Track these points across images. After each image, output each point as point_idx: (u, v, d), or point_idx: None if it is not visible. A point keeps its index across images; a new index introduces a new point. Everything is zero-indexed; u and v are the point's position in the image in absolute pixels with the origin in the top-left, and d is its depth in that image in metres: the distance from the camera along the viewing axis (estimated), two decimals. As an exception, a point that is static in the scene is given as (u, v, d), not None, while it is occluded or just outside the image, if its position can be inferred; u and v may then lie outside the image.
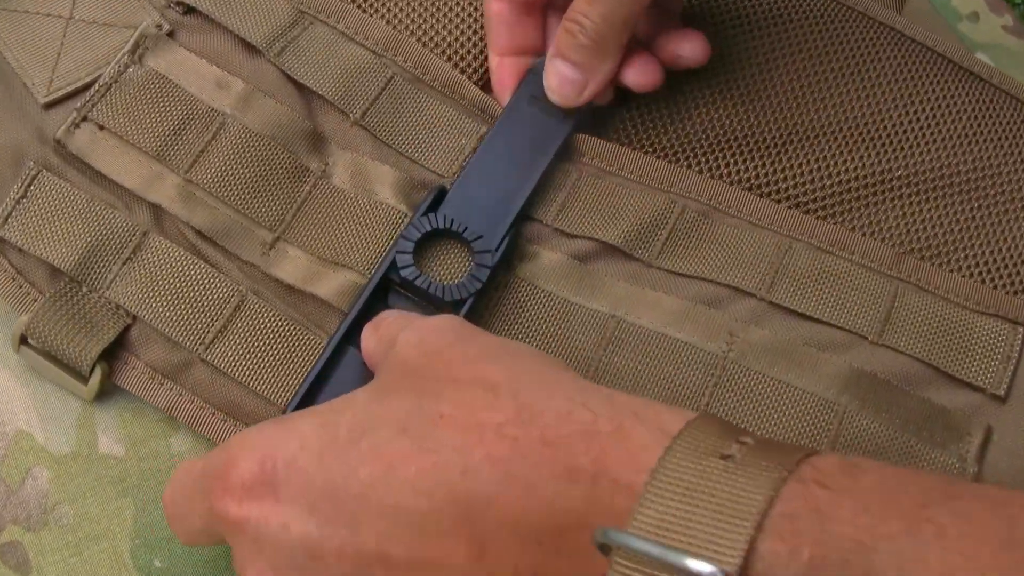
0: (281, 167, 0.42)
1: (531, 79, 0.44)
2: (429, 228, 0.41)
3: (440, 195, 0.42)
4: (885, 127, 0.45)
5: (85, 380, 0.40)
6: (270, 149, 0.42)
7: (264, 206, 0.42)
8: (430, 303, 0.41)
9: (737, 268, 0.42)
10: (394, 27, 0.45)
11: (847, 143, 0.45)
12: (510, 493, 0.28)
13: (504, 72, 0.45)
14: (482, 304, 0.41)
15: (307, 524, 0.30)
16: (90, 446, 0.41)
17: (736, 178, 0.45)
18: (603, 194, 0.43)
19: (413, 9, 0.46)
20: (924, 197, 0.44)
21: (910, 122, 0.46)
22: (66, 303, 0.40)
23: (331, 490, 0.30)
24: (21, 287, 0.41)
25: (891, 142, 0.45)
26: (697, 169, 0.45)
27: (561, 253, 0.42)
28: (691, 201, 0.43)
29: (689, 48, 0.44)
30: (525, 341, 0.41)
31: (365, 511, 0.30)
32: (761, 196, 0.44)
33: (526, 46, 0.45)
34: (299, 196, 0.42)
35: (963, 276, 0.43)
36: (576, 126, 0.44)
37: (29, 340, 0.40)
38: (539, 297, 0.41)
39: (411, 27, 0.46)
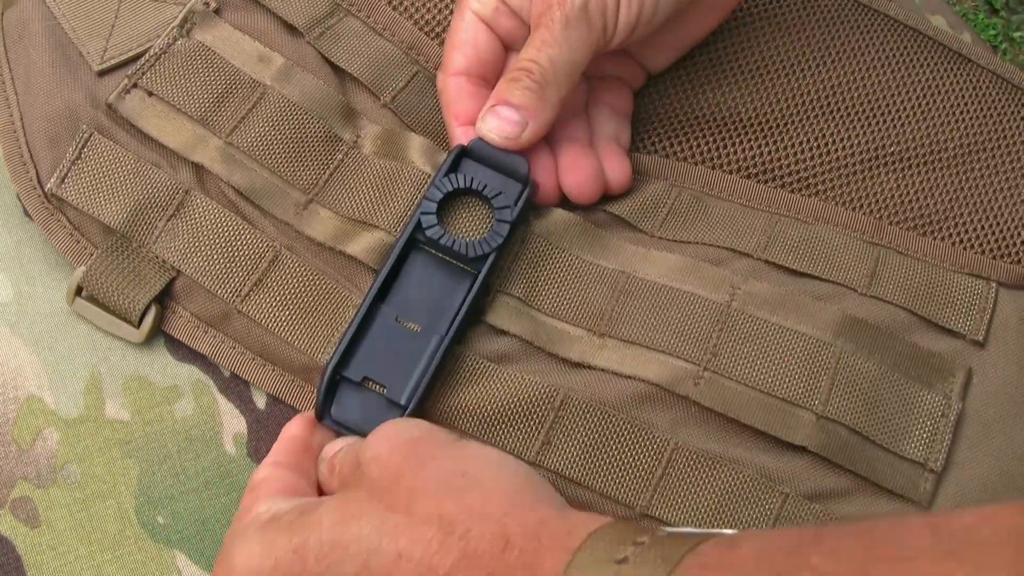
0: (316, 136, 0.45)
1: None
2: (451, 188, 0.43)
3: (460, 155, 0.44)
4: (878, 106, 0.48)
5: (135, 326, 0.43)
6: (307, 119, 0.45)
7: (299, 170, 0.44)
8: (455, 259, 0.43)
9: (733, 236, 0.45)
10: (420, 27, 0.48)
11: (842, 122, 0.48)
12: None
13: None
14: (502, 258, 0.43)
15: None
16: (98, 411, 0.43)
17: (736, 158, 0.48)
18: None
19: (440, 10, 0.49)
20: (915, 171, 0.47)
21: (902, 101, 0.48)
22: (117, 257, 0.43)
23: None
24: (78, 242, 0.44)
25: (883, 120, 0.48)
26: (697, 150, 0.48)
27: (574, 214, 0.45)
28: (685, 188, 0.47)
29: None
30: (542, 293, 0.43)
31: None
32: (761, 174, 0.48)
33: None
34: (332, 163, 0.45)
35: (951, 243, 0.46)
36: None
37: (82, 290, 0.43)
38: (554, 253, 0.44)
39: (435, 28, 0.48)
